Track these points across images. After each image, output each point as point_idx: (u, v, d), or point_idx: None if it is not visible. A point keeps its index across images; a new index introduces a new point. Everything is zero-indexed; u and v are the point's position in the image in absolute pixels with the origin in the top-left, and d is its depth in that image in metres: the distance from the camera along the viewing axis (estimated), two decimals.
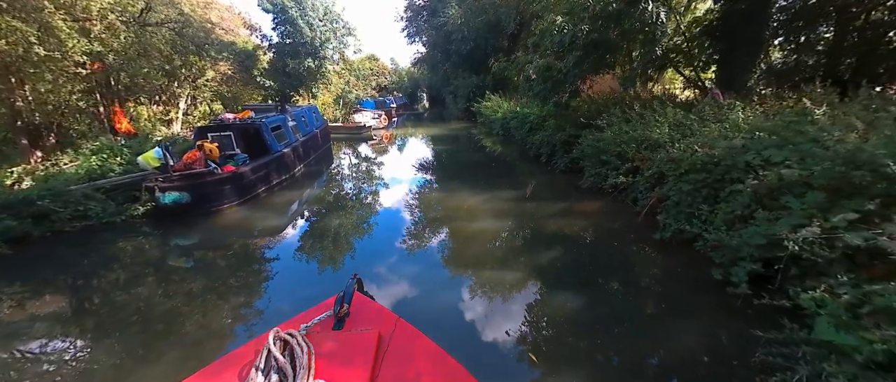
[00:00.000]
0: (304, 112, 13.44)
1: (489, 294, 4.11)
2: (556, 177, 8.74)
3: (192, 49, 11.37)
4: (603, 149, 7.11)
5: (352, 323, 1.76)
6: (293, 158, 10.34)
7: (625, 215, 5.96)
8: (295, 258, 5.47)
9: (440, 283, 4.50)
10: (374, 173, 11.57)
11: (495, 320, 3.61)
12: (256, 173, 8.03)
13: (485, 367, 2.98)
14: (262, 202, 7.90)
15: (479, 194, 7.93)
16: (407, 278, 4.62)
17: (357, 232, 6.34)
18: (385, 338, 1.64)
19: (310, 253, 5.60)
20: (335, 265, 5.12)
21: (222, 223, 6.67)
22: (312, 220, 7.12)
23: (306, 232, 6.48)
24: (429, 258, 5.25)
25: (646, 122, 6.58)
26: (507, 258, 4.99)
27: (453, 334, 3.44)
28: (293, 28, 19.84)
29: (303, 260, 5.39)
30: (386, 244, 5.80)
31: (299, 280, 4.82)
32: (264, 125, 9.04)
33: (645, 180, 5.86)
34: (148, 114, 15.69)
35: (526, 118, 13.43)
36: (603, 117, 8.53)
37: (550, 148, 9.70)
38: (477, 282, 4.38)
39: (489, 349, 3.26)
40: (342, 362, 1.47)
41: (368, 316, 1.84)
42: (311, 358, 1.42)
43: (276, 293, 4.46)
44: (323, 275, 4.87)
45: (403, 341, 1.66)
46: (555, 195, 7.64)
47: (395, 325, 1.76)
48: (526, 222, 6.27)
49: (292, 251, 5.71)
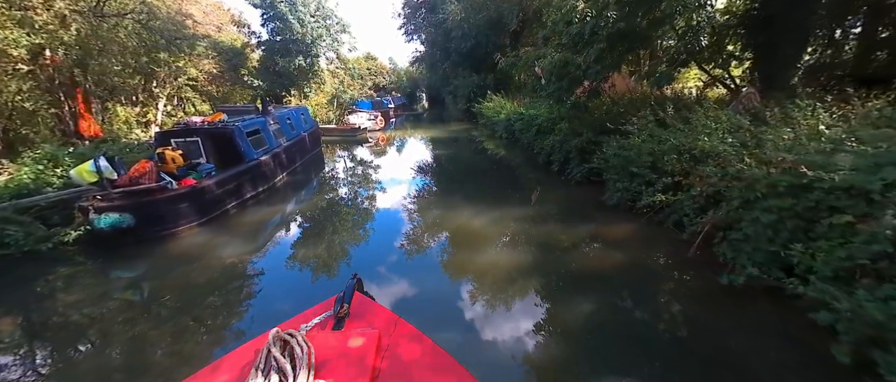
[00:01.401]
0: (291, 113, 12.29)
1: (490, 301, 3.91)
2: (571, 190, 7.59)
3: (161, 44, 10.24)
4: (632, 158, 5.96)
5: (352, 323, 1.74)
6: (274, 166, 9.19)
7: (668, 244, 4.81)
8: (256, 292, 4.36)
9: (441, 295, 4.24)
10: (366, 181, 10.44)
11: (495, 320, 3.61)
12: (224, 186, 6.87)
13: (485, 367, 2.96)
14: (230, 221, 6.73)
15: (483, 211, 6.78)
16: (404, 298, 4.16)
17: (338, 262, 5.19)
18: (385, 338, 1.63)
19: (280, 287, 4.49)
20: (310, 302, 3.99)
21: (173, 250, 5.51)
22: (286, 242, 5.97)
23: (276, 260, 5.35)
24: (427, 297, 4.18)
25: (692, 127, 5.43)
26: (525, 309, 3.86)
27: (453, 334, 3.42)
28: (283, 24, 18.71)
29: (270, 295, 4.30)
30: (376, 270, 4.72)
31: (265, 320, 3.74)
32: (238, 130, 7.88)
33: (692, 200, 4.72)
34: (125, 115, 14.56)
35: (533, 120, 12.29)
36: (627, 120, 7.42)
37: (564, 155, 8.55)
38: (482, 302, 3.96)
39: (489, 349, 3.26)
40: (342, 362, 1.45)
41: (368, 316, 1.82)
42: (311, 358, 1.40)
43: (228, 340, 3.55)
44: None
45: (403, 341, 1.65)
46: (574, 214, 6.48)
47: (395, 325, 1.75)
48: (541, 252, 5.13)
49: (256, 285, 4.59)
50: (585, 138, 7.53)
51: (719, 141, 4.79)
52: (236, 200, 7.31)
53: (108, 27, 8.88)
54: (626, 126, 6.48)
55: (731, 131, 5.00)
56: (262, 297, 4.38)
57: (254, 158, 8.20)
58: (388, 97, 37.94)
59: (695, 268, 4.13)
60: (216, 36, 19.06)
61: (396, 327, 1.75)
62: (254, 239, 6.10)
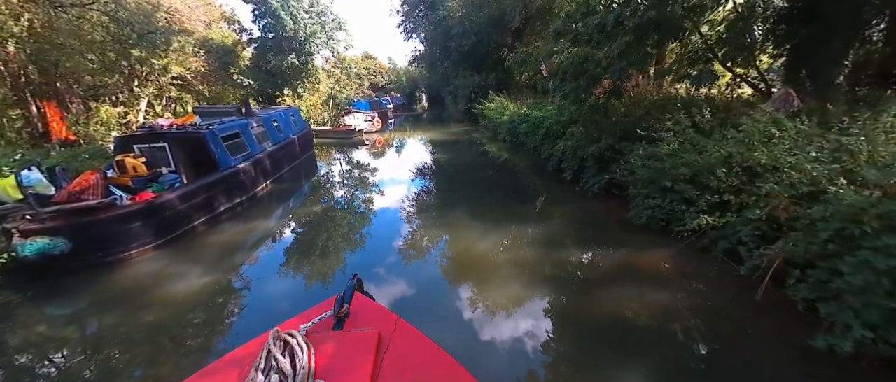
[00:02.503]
0: (279, 115, 11.38)
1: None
2: (588, 204, 6.68)
3: (132, 38, 9.32)
4: (665, 170, 5.06)
5: (352, 323, 1.74)
6: (255, 174, 8.28)
7: (722, 280, 3.90)
8: (216, 329, 3.49)
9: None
10: (359, 188, 9.55)
11: (495, 320, 3.58)
12: (191, 199, 5.96)
13: (485, 367, 2.96)
14: (197, 240, 5.82)
15: (488, 226, 5.89)
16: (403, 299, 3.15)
17: (320, 281, 4.30)
18: (385, 338, 1.63)
19: (249, 325, 3.62)
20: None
21: (119, 280, 4.59)
22: (258, 265, 5.07)
23: (246, 286, 4.45)
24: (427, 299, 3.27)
25: (747, 133, 4.51)
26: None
27: (453, 334, 3.40)
28: (275, 20, 17.79)
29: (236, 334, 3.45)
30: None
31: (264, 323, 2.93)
32: (210, 134, 6.97)
33: (751, 225, 3.82)
34: (108, 116, 13.63)
35: (539, 123, 11.40)
36: (650, 124, 6.52)
37: (578, 162, 7.64)
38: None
39: (489, 349, 3.23)
40: (342, 362, 1.46)
41: (368, 316, 1.81)
42: (311, 358, 1.40)
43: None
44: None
45: (403, 341, 1.64)
46: (595, 234, 5.58)
47: (395, 325, 1.74)
48: (558, 283, 4.23)
49: (217, 319, 3.69)
50: (605, 144, 6.62)
51: (788, 152, 3.88)
52: (207, 215, 6.39)
53: (68, 18, 7.97)
54: (660, 132, 5.57)
55: (799, 140, 4.10)
56: (227, 333, 3.62)
57: (230, 166, 7.29)
58: (386, 97, 37.12)
59: (769, 320, 3.21)
60: (204, 32, 18.16)
61: (396, 327, 1.73)
62: (221, 260, 5.20)
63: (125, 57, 9.73)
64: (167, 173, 6.23)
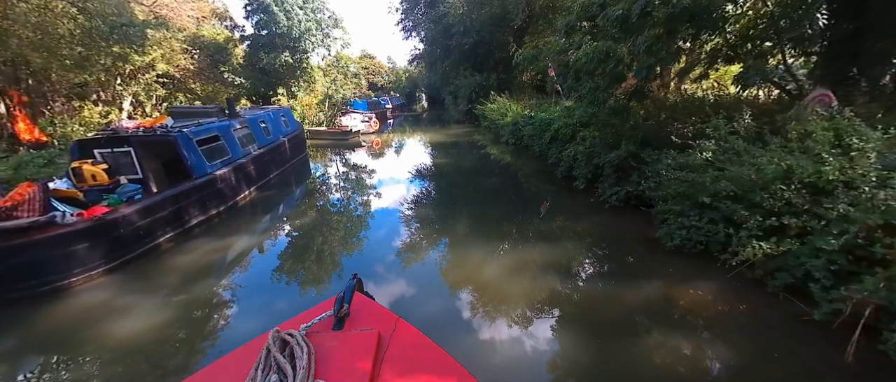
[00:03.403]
0: (267, 116, 10.63)
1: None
2: (606, 218, 5.93)
3: (102, 30, 8.56)
4: (703, 184, 4.32)
5: (352, 323, 1.72)
6: (236, 181, 7.53)
7: (789, 327, 3.14)
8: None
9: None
10: (352, 195, 8.83)
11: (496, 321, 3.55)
12: (154, 213, 5.20)
13: (485, 367, 2.94)
14: (159, 260, 5.06)
15: (494, 244, 5.16)
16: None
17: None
18: (385, 338, 1.62)
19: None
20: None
21: (53, 315, 3.84)
22: (234, 288, 4.32)
23: (216, 316, 3.71)
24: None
25: (817, 142, 3.78)
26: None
27: (453, 334, 3.40)
28: (267, 16, 17.02)
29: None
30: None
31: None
32: (183, 138, 6.22)
33: (824, 255, 3.08)
34: (89, 114, 12.86)
35: (547, 125, 10.68)
36: (676, 128, 5.80)
37: (592, 170, 6.91)
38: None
39: (489, 349, 3.21)
40: (342, 362, 1.44)
41: (368, 316, 1.80)
42: (311, 359, 1.38)
43: None
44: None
45: (403, 341, 1.63)
46: (618, 258, 4.82)
47: (395, 325, 1.73)
48: (574, 324, 3.49)
49: (173, 359, 2.97)
50: (625, 151, 5.88)
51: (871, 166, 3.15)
52: (175, 229, 5.63)
53: (28, 8, 7.20)
54: (689, 137, 4.84)
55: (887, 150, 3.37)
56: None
57: (206, 172, 6.54)
58: (385, 97, 36.47)
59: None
60: (195, 29, 17.41)
61: (396, 327, 1.71)
62: (185, 282, 4.46)
63: (97, 51, 8.97)
64: (126, 183, 5.47)
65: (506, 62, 22.63)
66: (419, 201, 8.11)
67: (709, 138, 4.62)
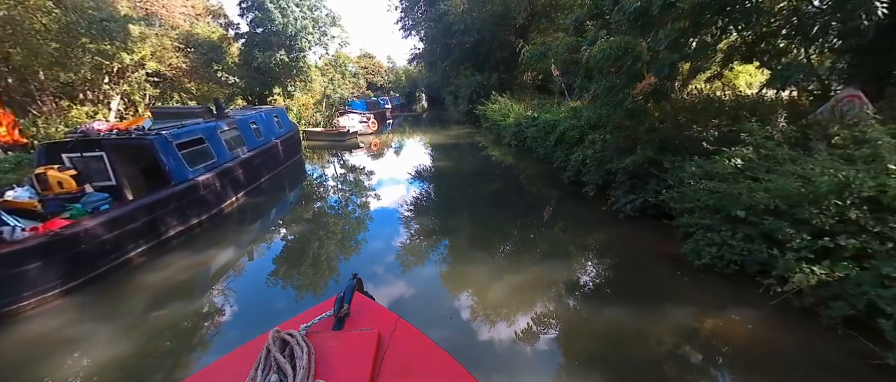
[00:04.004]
0: (258, 116, 10.14)
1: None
2: (622, 229, 5.42)
3: (80, 25, 8.05)
4: (736, 196, 3.83)
5: (352, 323, 1.71)
6: (222, 186, 7.04)
7: (855, 372, 2.65)
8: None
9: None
10: (348, 200, 8.35)
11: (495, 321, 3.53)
12: (123, 225, 4.71)
13: (485, 367, 2.93)
14: (127, 278, 4.56)
15: (497, 258, 4.67)
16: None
17: None
18: (385, 338, 1.60)
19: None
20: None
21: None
22: (211, 307, 3.82)
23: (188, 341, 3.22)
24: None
25: (875, 151, 3.28)
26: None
27: (453, 334, 3.38)
28: (262, 14, 16.52)
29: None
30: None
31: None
32: (160, 141, 5.72)
33: (894, 288, 2.59)
34: (76, 114, 12.37)
35: (552, 126, 10.18)
36: (695, 131, 5.33)
37: (604, 175, 6.41)
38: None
39: (489, 349, 3.19)
40: (342, 362, 1.44)
41: (368, 316, 1.78)
42: (311, 359, 1.37)
43: None
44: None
45: (403, 341, 1.61)
46: (639, 275, 4.32)
47: (395, 325, 1.71)
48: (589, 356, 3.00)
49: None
50: (642, 156, 5.38)
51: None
52: (149, 242, 5.14)
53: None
54: (711, 141, 4.35)
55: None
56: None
57: (187, 178, 6.05)
58: (385, 97, 35.96)
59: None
60: (187, 27, 16.92)
61: (396, 327, 1.69)
62: (155, 302, 3.97)
63: (75, 48, 8.46)
64: (92, 191, 4.98)
65: (507, 61, 22.16)
66: (417, 204, 7.76)
67: (738, 143, 4.12)
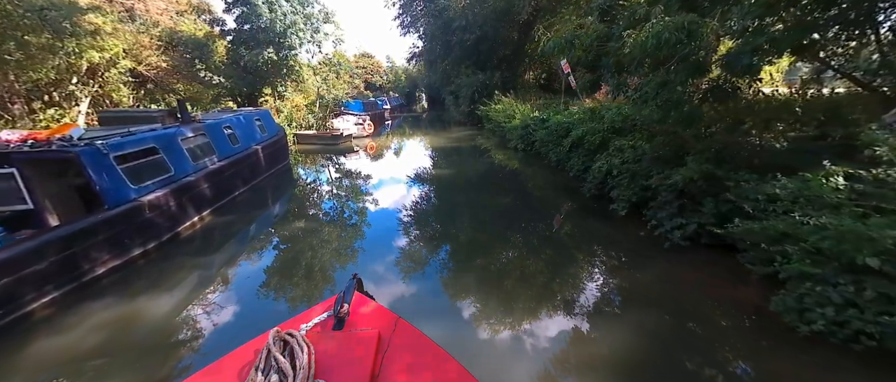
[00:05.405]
0: (236, 120, 8.99)
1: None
2: (673, 266, 4.21)
3: (25, 18, 6.93)
4: (863, 236, 2.66)
5: (352, 323, 1.70)
6: (178, 205, 5.88)
7: None
8: None
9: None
10: (339, 216, 7.15)
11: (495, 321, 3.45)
12: (19, 267, 3.56)
13: (485, 367, 2.88)
14: (11, 344, 3.41)
15: (516, 317, 3.53)
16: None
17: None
18: (385, 338, 1.60)
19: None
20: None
21: None
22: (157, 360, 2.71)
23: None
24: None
25: None
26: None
27: (453, 334, 3.30)
28: (249, 9, 15.38)
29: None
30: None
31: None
32: (88, 153, 4.56)
33: None
34: (46, 119, 11.28)
35: (565, 130, 9.02)
36: (755, 138, 4.18)
37: (639, 191, 5.23)
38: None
39: (489, 349, 3.14)
40: (342, 362, 1.44)
41: (368, 316, 1.78)
42: (311, 358, 1.37)
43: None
44: None
45: (403, 341, 1.62)
46: (716, 353, 3.13)
47: (395, 325, 1.71)
48: None
49: None
50: (695, 170, 4.19)
51: None
52: (62, 286, 3.98)
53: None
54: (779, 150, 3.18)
55: None
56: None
57: (128, 198, 4.91)
58: (383, 97, 34.86)
59: None
60: (171, 23, 15.80)
61: (396, 327, 1.69)
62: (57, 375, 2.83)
63: (5, 40, 7.33)
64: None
65: (510, 60, 21.02)
66: (416, 211, 7.15)
67: (835, 156, 2.95)
